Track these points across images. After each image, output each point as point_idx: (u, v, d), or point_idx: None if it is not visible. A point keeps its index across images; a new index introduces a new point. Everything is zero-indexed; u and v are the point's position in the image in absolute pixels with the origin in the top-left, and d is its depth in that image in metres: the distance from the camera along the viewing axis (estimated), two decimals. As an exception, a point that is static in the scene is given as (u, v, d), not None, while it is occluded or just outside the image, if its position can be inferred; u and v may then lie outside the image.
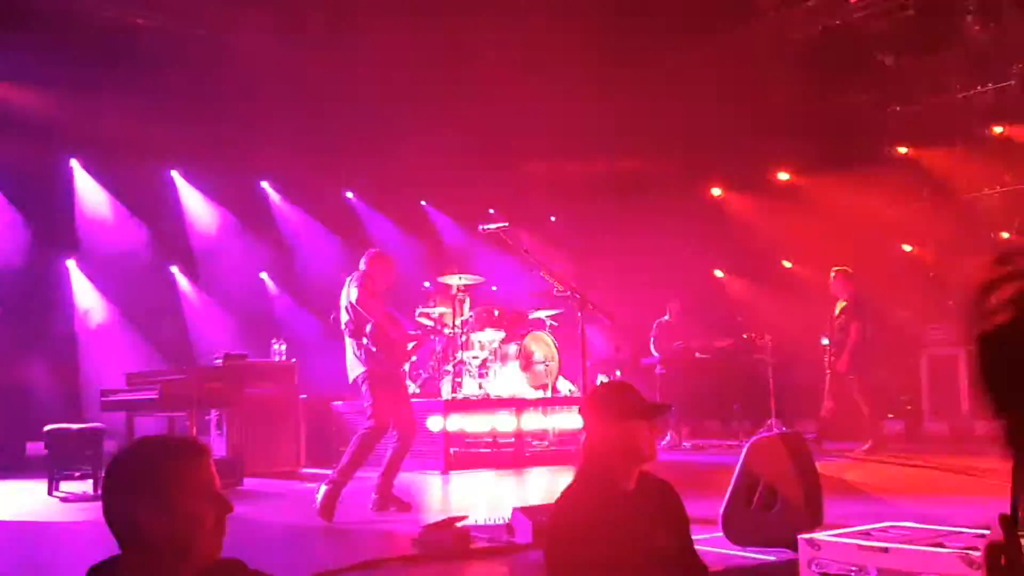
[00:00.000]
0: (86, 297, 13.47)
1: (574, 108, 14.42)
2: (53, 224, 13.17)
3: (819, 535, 4.38)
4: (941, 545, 3.97)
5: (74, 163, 13.55)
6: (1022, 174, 13.76)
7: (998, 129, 13.92)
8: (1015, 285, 1.27)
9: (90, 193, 13.58)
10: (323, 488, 7.09)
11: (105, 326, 13.32)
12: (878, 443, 11.26)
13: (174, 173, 14.35)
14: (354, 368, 7.60)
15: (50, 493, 8.93)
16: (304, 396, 11.34)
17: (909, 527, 4.54)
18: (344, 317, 7.63)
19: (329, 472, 7.32)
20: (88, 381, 12.31)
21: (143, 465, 2.25)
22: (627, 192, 15.49)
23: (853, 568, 4.13)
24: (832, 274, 12.00)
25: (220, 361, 10.32)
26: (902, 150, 14.84)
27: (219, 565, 2.35)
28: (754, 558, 5.03)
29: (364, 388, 7.51)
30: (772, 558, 4.94)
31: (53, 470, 9.03)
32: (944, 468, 9.35)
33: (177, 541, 2.18)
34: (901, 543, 4.15)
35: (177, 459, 2.25)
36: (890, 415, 13.90)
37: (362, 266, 7.79)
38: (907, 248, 14.77)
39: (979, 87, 13.89)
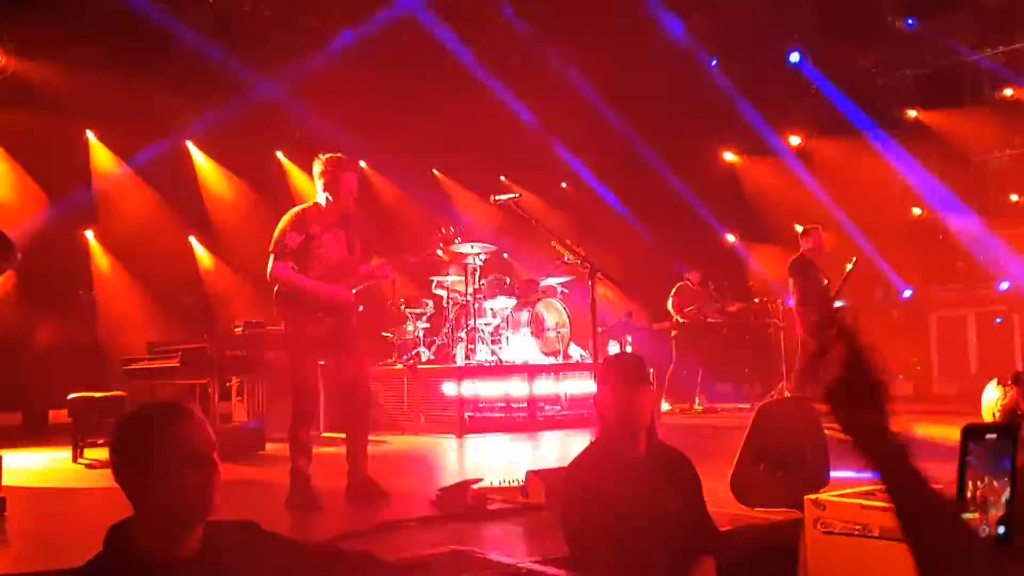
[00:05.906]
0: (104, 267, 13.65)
1: (584, 74, 14.47)
2: (71, 195, 13.28)
3: (824, 495, 4.51)
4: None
5: (89, 134, 13.64)
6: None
7: (1008, 92, 13.92)
8: (842, 345, 1.60)
9: (105, 163, 13.70)
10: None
11: (124, 295, 13.47)
12: None
13: (189, 143, 14.46)
14: None
15: (75, 460, 9.09)
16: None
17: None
18: None
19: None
20: (109, 350, 12.49)
21: (125, 432, 2.35)
22: (639, 157, 15.53)
23: (857, 527, 4.27)
24: None
25: (240, 329, 10.47)
26: (912, 113, 14.85)
27: (233, 526, 2.45)
28: (762, 517, 5.17)
29: None
30: (779, 518, 5.08)
31: (77, 437, 9.18)
32: (953, 426, 9.41)
33: (165, 503, 2.27)
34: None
35: (154, 423, 2.32)
36: (900, 376, 14.04)
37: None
38: (917, 212, 14.80)
39: (989, 49, 13.89)
